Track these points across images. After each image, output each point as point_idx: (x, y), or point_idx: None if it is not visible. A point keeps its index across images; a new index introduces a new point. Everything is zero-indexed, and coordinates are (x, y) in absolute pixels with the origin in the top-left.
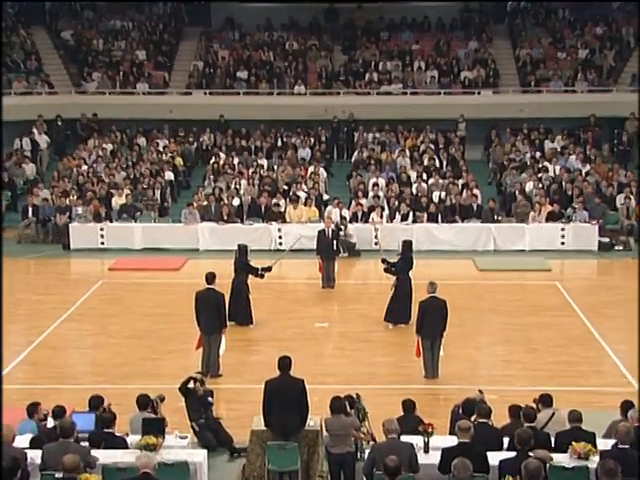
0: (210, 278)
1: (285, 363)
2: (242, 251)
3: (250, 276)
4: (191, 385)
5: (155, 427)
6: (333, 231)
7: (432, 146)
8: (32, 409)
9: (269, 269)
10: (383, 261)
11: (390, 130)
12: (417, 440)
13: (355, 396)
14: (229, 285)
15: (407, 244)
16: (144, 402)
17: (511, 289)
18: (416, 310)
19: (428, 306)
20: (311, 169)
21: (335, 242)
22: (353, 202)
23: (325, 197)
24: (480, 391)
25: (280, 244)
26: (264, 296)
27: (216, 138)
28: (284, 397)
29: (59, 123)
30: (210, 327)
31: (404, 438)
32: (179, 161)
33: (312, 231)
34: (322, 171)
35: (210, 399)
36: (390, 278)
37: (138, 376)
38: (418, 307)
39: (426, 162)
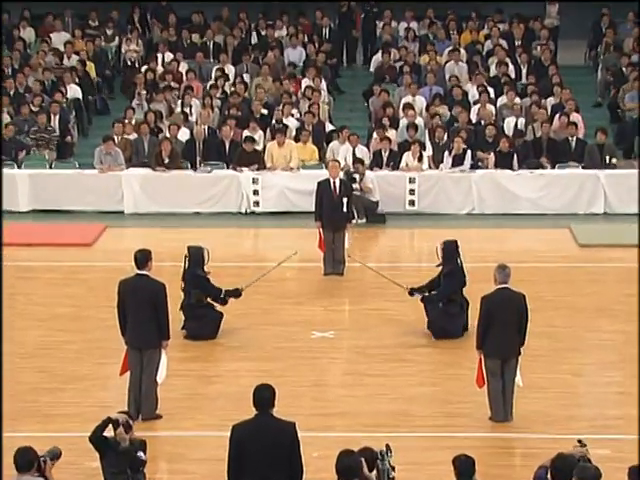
0: (142, 259)
1: (265, 397)
2: (194, 258)
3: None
4: (110, 433)
5: None
6: (342, 183)
7: (504, 43)
8: None
9: (238, 293)
10: (412, 293)
11: (434, 18)
12: None
13: (379, 451)
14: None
15: (450, 248)
16: (27, 461)
17: (632, 278)
18: (476, 313)
19: (496, 304)
20: (306, 82)
21: (345, 201)
22: (375, 135)
23: (329, 127)
24: (581, 442)
25: (256, 205)
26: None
27: (150, 30)
28: (263, 452)
29: None
30: (142, 338)
31: None
32: (91, 68)
33: (307, 183)
34: (324, 85)
35: (141, 455)
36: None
37: (23, 418)
38: (480, 306)
39: (493, 70)
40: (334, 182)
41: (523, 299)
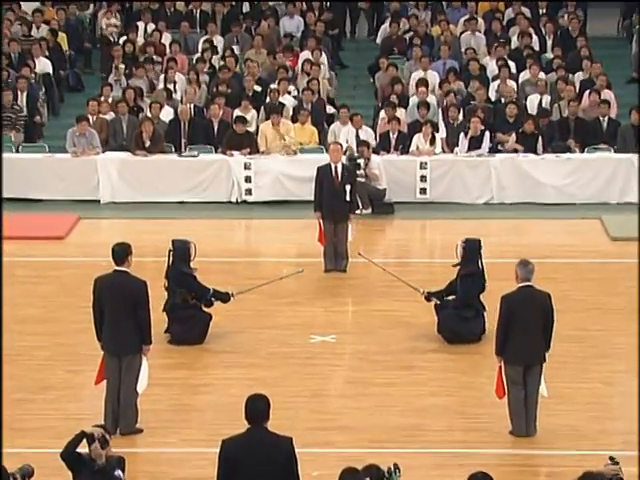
0: (121, 254)
1: (258, 409)
2: (179, 253)
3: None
4: (85, 449)
5: None
6: (345, 168)
7: (526, 11)
8: None
9: (226, 298)
10: (429, 298)
11: None
12: None
13: (386, 469)
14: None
15: (472, 248)
16: None
17: None
18: (495, 314)
19: (518, 304)
20: (305, 55)
21: (348, 189)
22: (382, 115)
23: (330, 109)
24: (613, 460)
25: (248, 193)
26: (222, 288)
27: None
28: (256, 470)
29: None
30: (120, 343)
31: None
32: (62, 39)
33: (306, 168)
34: (324, 59)
35: (119, 474)
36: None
37: None
38: (500, 306)
39: (515, 41)
40: (336, 167)
41: (548, 298)
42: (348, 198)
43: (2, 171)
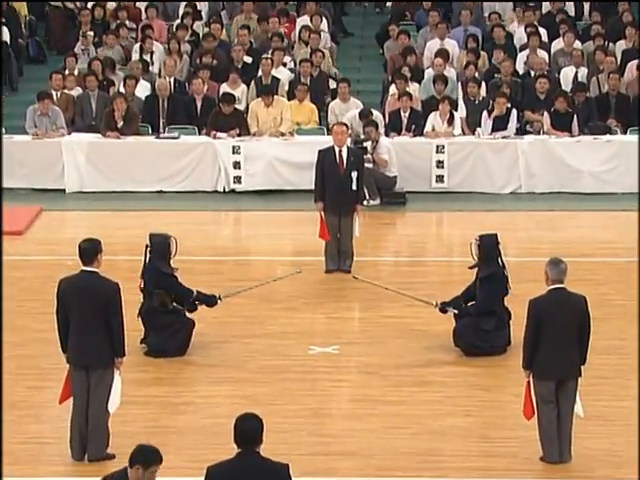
0: (89, 252)
1: (249, 431)
2: (157, 249)
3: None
4: None
5: None
6: (350, 152)
7: None
8: None
9: (212, 301)
10: (444, 309)
11: None
12: None
13: None
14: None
15: (489, 245)
16: None
17: None
18: (523, 322)
19: (549, 310)
20: (303, 21)
21: (355, 176)
22: (391, 90)
23: (332, 84)
24: None
25: (237, 181)
26: (207, 290)
27: None
28: None
29: None
30: (89, 355)
31: None
32: (21, 6)
33: (304, 153)
34: (325, 25)
35: None
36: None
37: None
38: (528, 312)
39: (546, 5)
40: (340, 152)
41: (584, 303)
42: (355, 187)
43: (2, 160)
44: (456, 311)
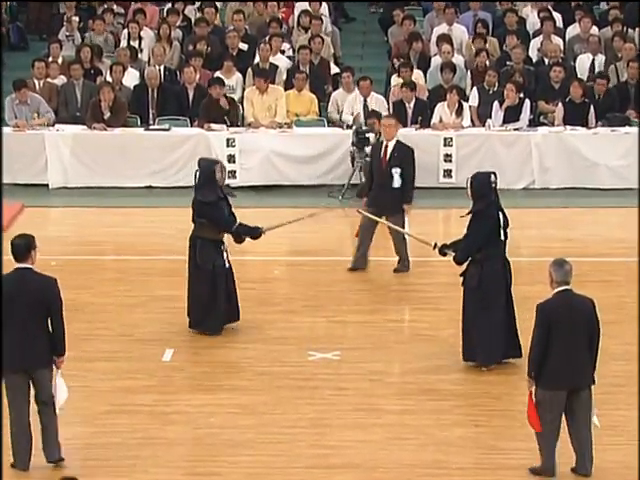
0: (22, 249)
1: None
2: (203, 174)
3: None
4: None
5: None
6: (397, 147)
7: None
8: None
9: (256, 233)
10: (443, 251)
11: None
12: None
13: None
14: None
15: (482, 183)
16: None
17: None
18: (530, 326)
19: (559, 313)
20: (302, 5)
21: (397, 172)
22: (394, 80)
23: (334, 69)
24: None
25: (232, 176)
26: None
27: None
28: None
29: None
30: (28, 354)
31: None
32: None
33: (303, 146)
34: (325, 9)
35: None
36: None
37: None
38: (536, 316)
39: None
40: (386, 146)
41: (592, 305)
42: (396, 184)
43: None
44: (454, 253)
